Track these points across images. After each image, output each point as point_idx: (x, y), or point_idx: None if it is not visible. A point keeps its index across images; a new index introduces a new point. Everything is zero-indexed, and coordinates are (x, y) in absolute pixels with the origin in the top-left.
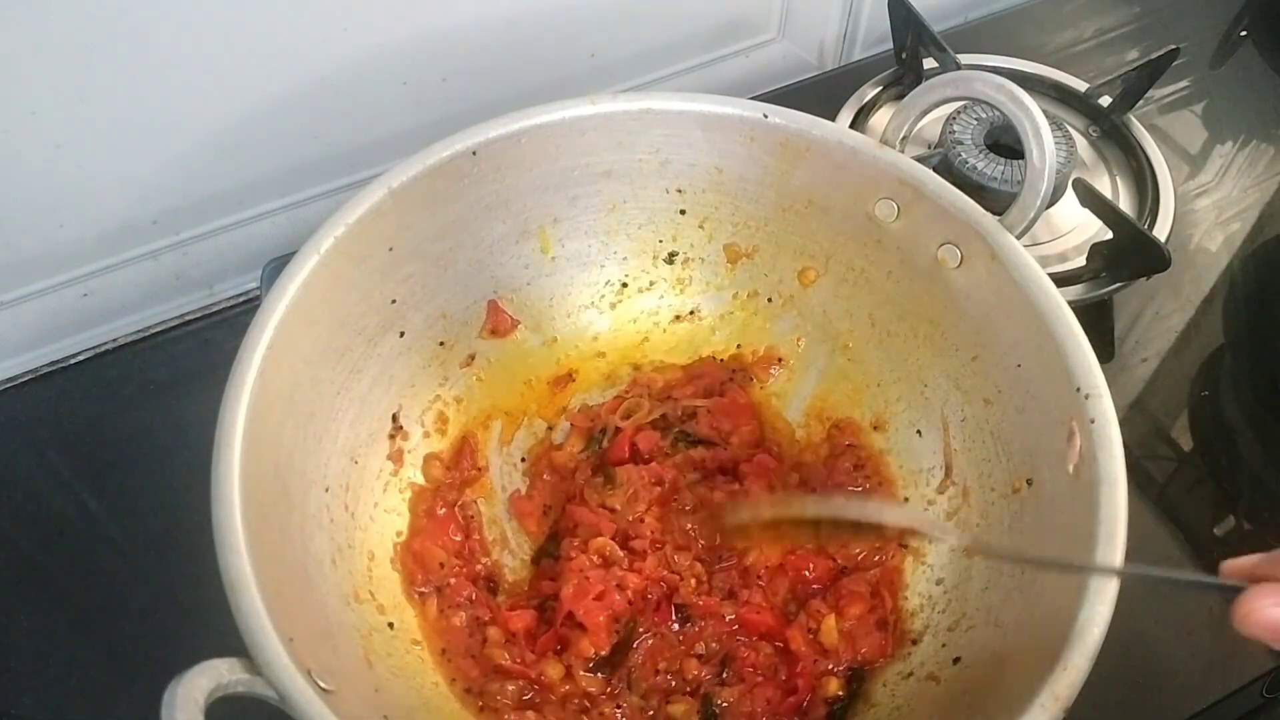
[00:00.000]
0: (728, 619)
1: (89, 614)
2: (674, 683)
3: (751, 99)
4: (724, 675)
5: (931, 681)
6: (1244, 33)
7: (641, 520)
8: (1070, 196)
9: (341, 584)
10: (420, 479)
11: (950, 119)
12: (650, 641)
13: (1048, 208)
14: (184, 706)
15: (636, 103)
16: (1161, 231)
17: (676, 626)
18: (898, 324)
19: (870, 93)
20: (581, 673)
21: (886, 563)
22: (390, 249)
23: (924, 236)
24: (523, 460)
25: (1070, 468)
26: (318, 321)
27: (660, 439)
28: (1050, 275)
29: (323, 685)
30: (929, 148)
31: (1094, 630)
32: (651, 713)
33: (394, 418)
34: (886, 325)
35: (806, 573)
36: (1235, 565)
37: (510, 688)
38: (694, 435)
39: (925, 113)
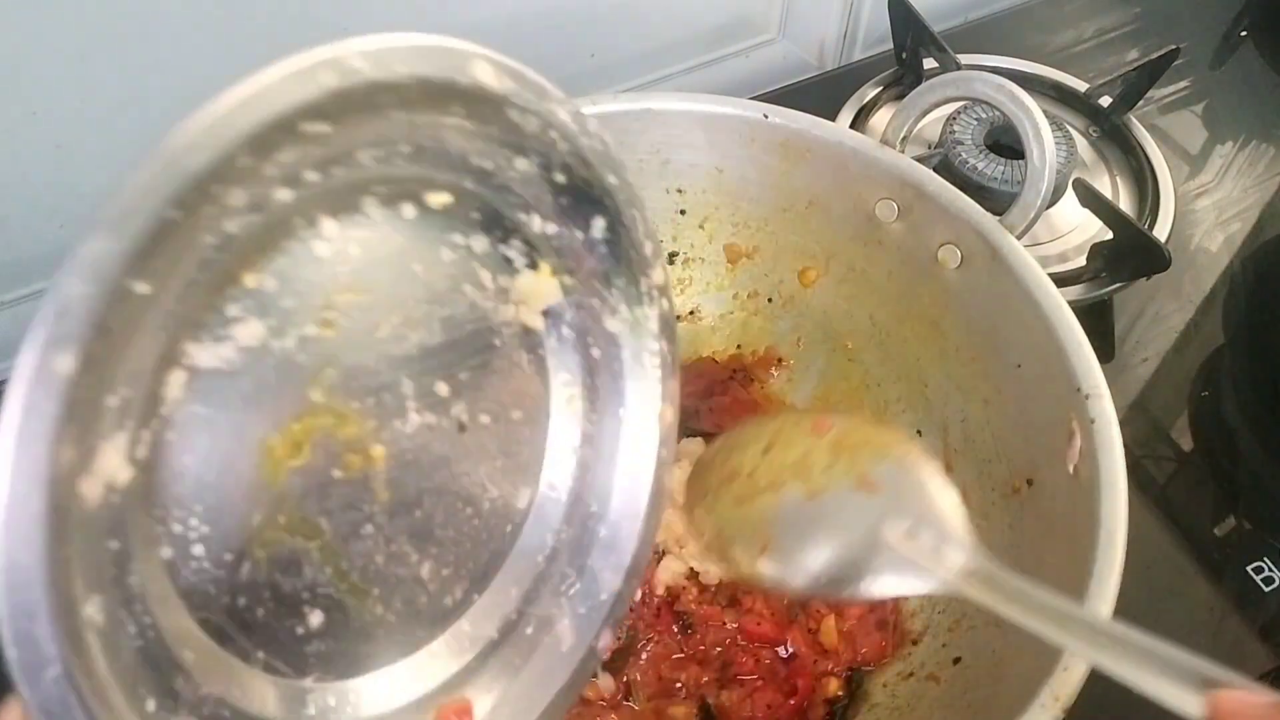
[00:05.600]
0: (729, 626)
1: None
2: (677, 686)
3: (752, 99)
4: (725, 680)
5: (931, 681)
6: (1244, 33)
7: None
8: (1070, 196)
9: None
10: None
11: (950, 119)
12: (652, 648)
13: (1048, 208)
14: None
15: (636, 103)
16: (1161, 231)
17: (678, 633)
18: (898, 324)
19: (870, 93)
20: None
21: None
22: None
23: (924, 236)
24: None
25: (1070, 468)
26: None
27: None
28: (1050, 275)
29: None
30: (929, 148)
31: None
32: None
33: None
34: (886, 325)
35: None
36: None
37: None
38: (695, 429)
39: (925, 113)
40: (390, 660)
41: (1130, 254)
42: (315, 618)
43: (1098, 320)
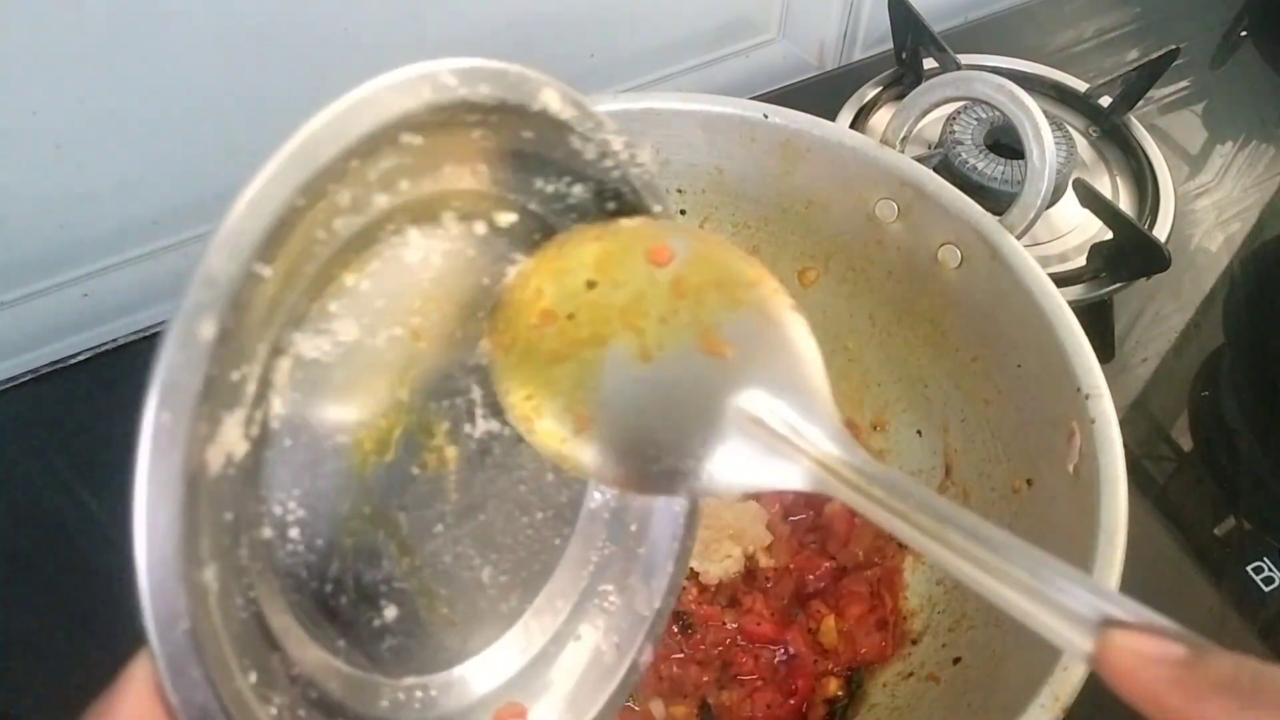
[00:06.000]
0: (729, 626)
1: (88, 614)
2: (679, 685)
3: (751, 99)
4: (725, 680)
5: (931, 681)
6: (1244, 33)
7: None
8: (1070, 196)
9: None
10: None
11: (950, 119)
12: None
13: (1048, 208)
14: None
15: (636, 103)
16: (1161, 231)
17: (678, 633)
18: (898, 324)
19: (870, 93)
20: None
21: (886, 563)
22: None
23: (924, 236)
24: None
25: (1070, 468)
26: None
27: None
28: (1050, 275)
29: None
30: (929, 148)
31: None
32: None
33: None
34: (886, 325)
35: (810, 576)
36: None
37: None
38: None
39: (925, 113)
40: (455, 660)
41: (1130, 254)
42: (390, 612)
43: (1098, 320)
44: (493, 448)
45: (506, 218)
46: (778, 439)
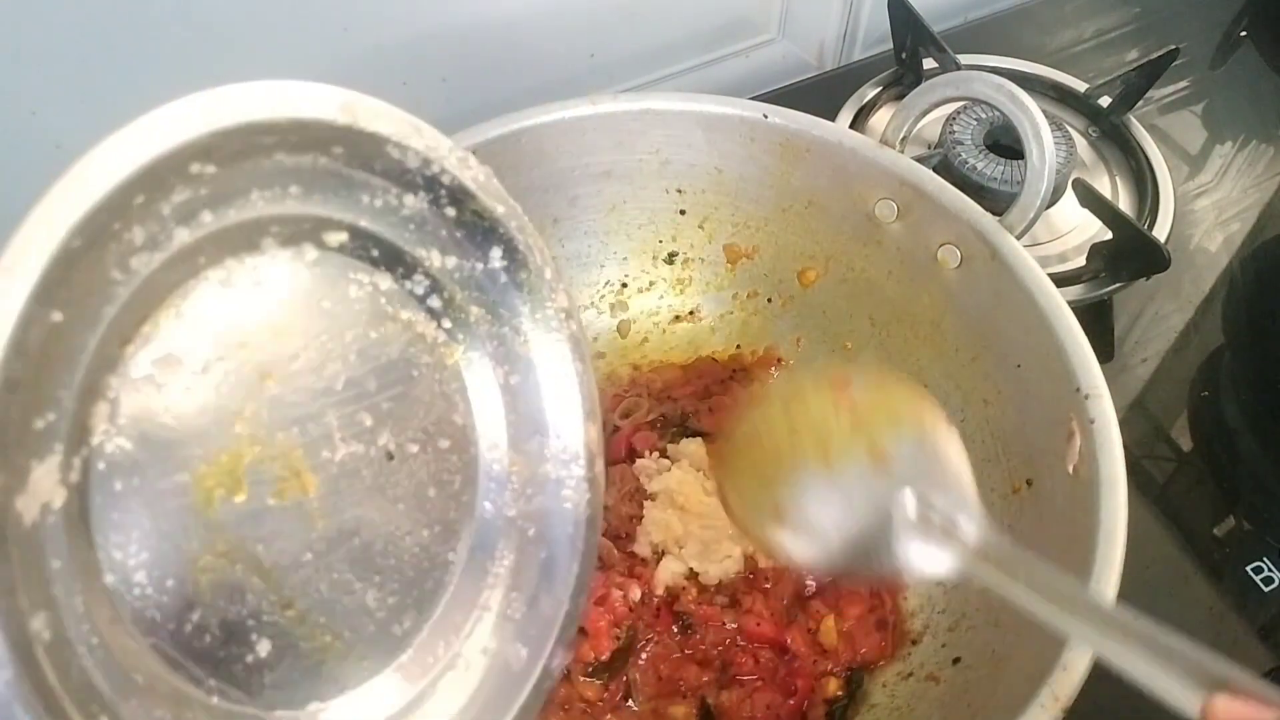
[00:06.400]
0: (728, 626)
1: None
2: (677, 686)
3: (751, 99)
4: (725, 680)
5: (931, 681)
6: (1244, 33)
7: (636, 520)
8: (1070, 196)
9: None
10: None
11: (950, 119)
12: (652, 648)
13: (1048, 208)
14: None
15: (636, 103)
16: (1161, 232)
17: (678, 633)
18: (898, 324)
19: (870, 93)
20: (581, 678)
21: None
22: None
23: (924, 236)
24: None
25: (1070, 468)
26: None
27: (658, 439)
28: (1050, 275)
29: None
30: (929, 148)
31: None
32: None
33: None
34: (886, 325)
35: (810, 576)
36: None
37: None
38: (695, 429)
39: (925, 113)
40: (346, 687)
41: (1130, 254)
42: (264, 646)
43: (1098, 320)
44: (361, 470)
45: (335, 237)
46: (931, 527)
